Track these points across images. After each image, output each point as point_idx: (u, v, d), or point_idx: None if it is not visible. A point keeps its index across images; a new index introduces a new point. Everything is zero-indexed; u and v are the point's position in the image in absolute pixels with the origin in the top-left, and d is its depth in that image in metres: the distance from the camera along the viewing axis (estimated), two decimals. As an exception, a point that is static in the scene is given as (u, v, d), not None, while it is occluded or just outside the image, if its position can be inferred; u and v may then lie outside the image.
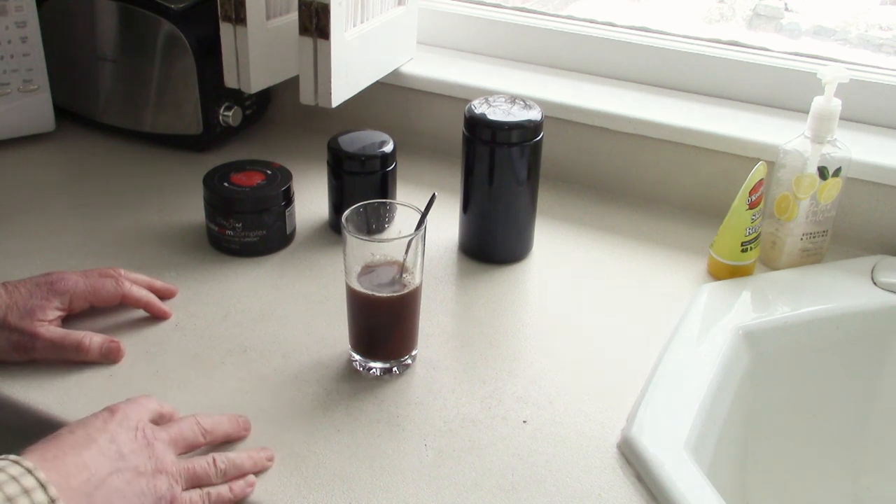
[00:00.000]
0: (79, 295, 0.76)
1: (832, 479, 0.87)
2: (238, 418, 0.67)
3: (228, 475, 0.63)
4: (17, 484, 0.51)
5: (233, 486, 0.62)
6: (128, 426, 0.59)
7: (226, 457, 0.63)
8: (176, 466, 0.60)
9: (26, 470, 0.52)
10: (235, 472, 0.63)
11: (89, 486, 0.55)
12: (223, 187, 0.88)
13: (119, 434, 0.59)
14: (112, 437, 0.58)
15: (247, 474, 0.64)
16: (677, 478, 0.62)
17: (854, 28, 1.20)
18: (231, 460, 0.63)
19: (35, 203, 0.99)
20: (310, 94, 0.93)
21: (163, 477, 0.59)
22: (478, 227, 0.90)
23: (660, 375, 0.73)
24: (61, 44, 1.10)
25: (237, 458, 0.64)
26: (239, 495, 0.62)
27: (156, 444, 0.60)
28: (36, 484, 0.52)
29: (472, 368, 0.76)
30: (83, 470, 0.55)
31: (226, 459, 0.63)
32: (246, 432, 0.68)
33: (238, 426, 0.67)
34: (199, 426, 0.64)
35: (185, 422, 0.64)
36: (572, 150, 1.05)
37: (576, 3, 1.25)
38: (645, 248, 0.94)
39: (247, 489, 0.63)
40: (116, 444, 0.58)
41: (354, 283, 0.71)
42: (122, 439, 0.58)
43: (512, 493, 0.64)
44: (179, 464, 0.61)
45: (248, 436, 0.68)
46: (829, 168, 0.85)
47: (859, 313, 0.84)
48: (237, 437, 0.67)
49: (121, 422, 0.60)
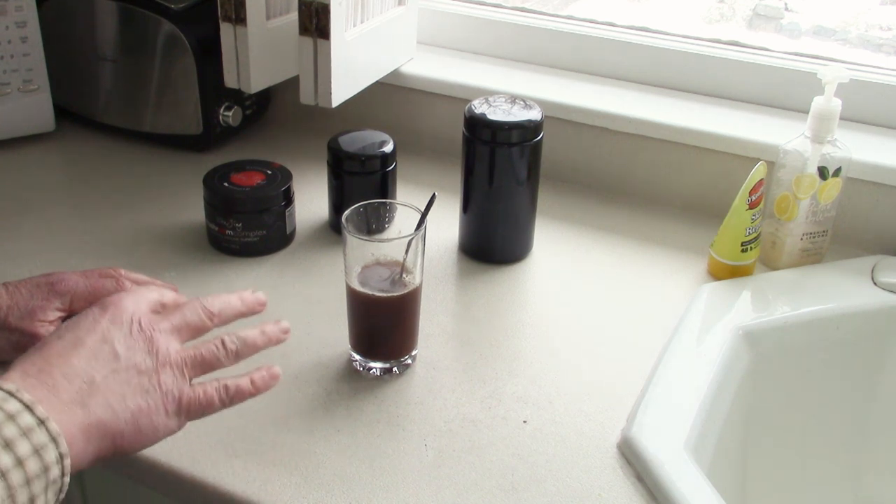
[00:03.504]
0: (79, 295, 0.76)
1: (832, 479, 0.87)
2: (249, 294, 0.62)
3: (241, 355, 0.58)
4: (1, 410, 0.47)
5: (253, 377, 0.58)
6: (122, 321, 0.54)
7: (235, 335, 0.58)
8: (181, 355, 0.55)
9: (7, 393, 0.48)
10: (248, 350, 0.58)
11: (82, 394, 0.51)
12: (223, 187, 0.88)
13: (112, 331, 0.54)
14: (104, 335, 0.53)
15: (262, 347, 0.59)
16: (677, 478, 0.62)
17: (854, 28, 1.20)
18: (242, 338, 0.58)
19: (35, 203, 0.99)
20: (310, 94, 0.93)
21: (167, 370, 0.54)
22: (478, 227, 0.90)
23: (660, 375, 0.73)
24: (61, 44, 1.10)
25: (248, 335, 0.58)
26: (262, 387, 0.58)
27: (155, 335, 0.55)
28: (21, 407, 0.48)
29: (472, 368, 0.76)
30: (74, 378, 0.51)
31: (236, 338, 0.58)
32: (261, 307, 0.62)
33: (250, 303, 0.61)
34: (204, 309, 0.58)
35: (189, 306, 0.58)
36: (572, 150, 1.05)
37: (576, 3, 1.25)
38: (645, 248, 0.94)
39: (270, 381, 0.58)
40: (110, 343, 0.53)
41: (354, 283, 0.71)
42: (116, 336, 0.53)
43: (512, 493, 0.64)
44: (184, 352, 0.56)
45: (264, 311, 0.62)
46: (829, 168, 0.85)
47: (859, 313, 0.84)
48: (250, 314, 0.61)
49: (114, 317, 0.54)
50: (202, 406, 0.57)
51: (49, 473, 0.48)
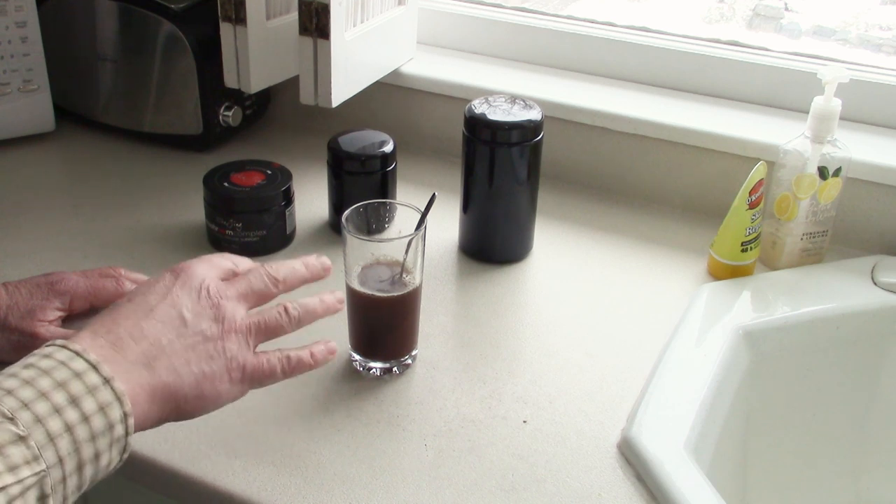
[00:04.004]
0: (79, 295, 0.76)
1: (832, 479, 0.87)
2: (314, 261, 0.64)
3: (303, 322, 0.60)
4: (67, 368, 0.48)
5: (313, 350, 0.60)
6: (191, 287, 0.56)
7: (297, 303, 0.60)
8: (246, 323, 0.57)
9: (75, 353, 0.49)
10: (309, 318, 0.60)
11: (148, 356, 0.52)
12: (223, 187, 0.88)
13: (181, 297, 0.55)
14: (173, 301, 0.55)
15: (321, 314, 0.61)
16: (677, 478, 0.62)
17: (854, 28, 1.20)
18: (303, 305, 0.60)
19: (35, 203, 0.99)
20: (310, 94, 0.93)
21: (232, 336, 0.56)
22: (478, 227, 0.90)
23: (660, 375, 0.73)
24: (61, 44, 1.10)
25: (309, 302, 0.61)
26: (320, 361, 0.60)
27: (222, 302, 0.56)
28: (87, 366, 0.49)
29: (472, 368, 0.76)
30: (141, 340, 0.52)
31: (298, 306, 0.60)
32: (326, 272, 0.64)
33: (315, 270, 0.63)
34: (269, 276, 0.60)
35: (254, 273, 0.60)
36: (572, 150, 1.05)
37: (576, 3, 1.25)
38: (645, 248, 0.94)
39: (328, 356, 0.60)
40: (177, 309, 0.54)
41: (354, 283, 0.71)
42: (185, 302, 0.55)
43: (512, 493, 0.64)
44: (249, 319, 0.58)
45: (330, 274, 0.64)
46: (829, 168, 0.85)
47: (859, 313, 0.84)
48: (315, 280, 0.63)
49: (184, 283, 0.56)
50: (265, 374, 0.58)
51: (113, 431, 0.49)
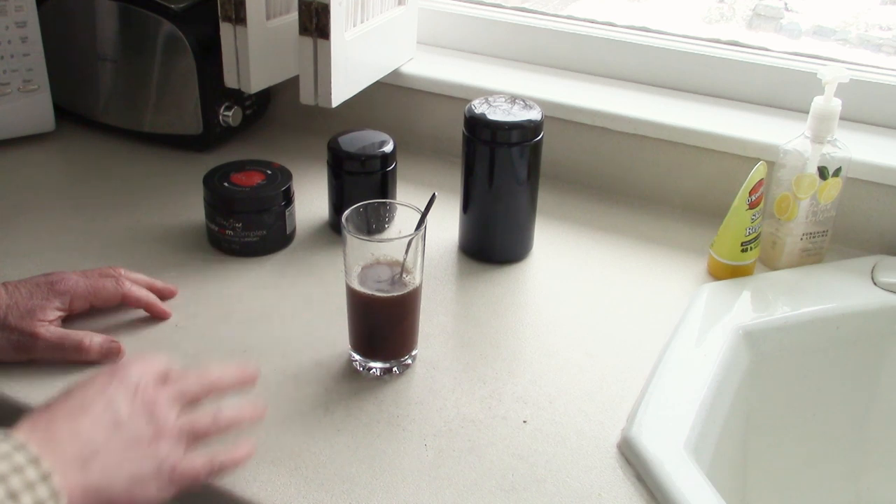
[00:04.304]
0: (79, 295, 0.76)
1: (832, 479, 0.87)
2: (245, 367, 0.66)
3: (229, 426, 0.62)
4: (9, 461, 0.49)
5: (235, 453, 0.61)
6: (127, 388, 0.57)
7: (226, 413, 0.62)
8: (177, 425, 0.58)
9: (17, 446, 0.50)
10: (236, 423, 0.62)
11: (83, 455, 0.53)
12: (223, 187, 0.88)
13: (117, 397, 0.56)
14: (109, 401, 0.56)
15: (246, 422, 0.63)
16: (677, 478, 0.62)
17: (854, 28, 1.20)
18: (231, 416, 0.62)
19: (35, 203, 0.99)
20: (310, 94, 0.93)
21: (164, 441, 0.57)
22: (478, 227, 0.90)
23: (660, 375, 0.73)
24: (61, 44, 1.10)
25: (235, 408, 0.62)
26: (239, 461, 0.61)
27: (156, 405, 0.58)
28: (27, 460, 0.50)
29: (472, 368, 0.76)
30: (76, 439, 0.53)
31: (226, 415, 0.61)
32: (252, 381, 0.66)
33: (243, 375, 0.65)
34: (199, 381, 0.62)
35: (186, 378, 0.62)
36: (572, 150, 1.05)
37: (576, 3, 1.26)
38: (645, 248, 0.94)
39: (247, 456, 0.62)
40: (113, 410, 0.55)
41: (354, 283, 0.71)
42: (121, 403, 0.56)
43: (512, 493, 0.64)
44: (180, 422, 0.59)
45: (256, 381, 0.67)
46: (829, 168, 0.85)
47: (859, 313, 0.84)
48: (244, 386, 0.65)
49: (120, 384, 0.57)
50: (190, 477, 0.59)
51: None
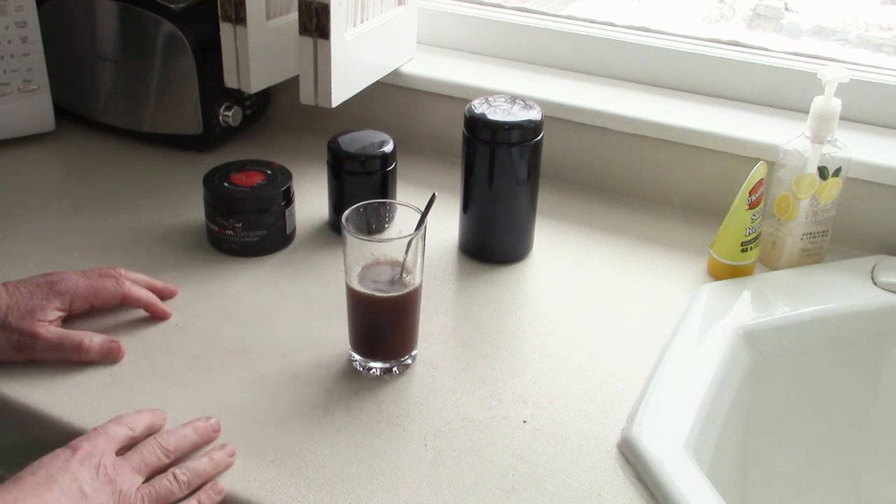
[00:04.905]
0: (79, 295, 0.76)
1: (832, 479, 0.87)
2: (203, 423, 0.67)
3: (192, 484, 0.62)
4: None
5: (200, 497, 0.62)
6: (90, 463, 0.59)
7: (186, 468, 0.63)
8: (140, 493, 0.60)
9: None
10: (199, 480, 0.63)
11: None
12: (223, 187, 0.88)
13: (80, 472, 0.58)
14: (74, 476, 0.58)
15: (212, 478, 0.63)
16: (677, 478, 0.62)
17: (854, 28, 1.20)
18: (192, 469, 0.63)
19: (35, 203, 0.99)
20: (310, 94, 0.93)
21: None
22: (478, 227, 0.90)
23: (660, 375, 0.73)
24: (61, 44, 1.10)
25: (198, 465, 0.63)
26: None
27: (118, 479, 0.60)
28: None
29: (472, 368, 0.76)
30: None
31: (187, 470, 0.62)
32: (215, 434, 0.67)
33: (204, 433, 0.66)
34: (160, 448, 0.63)
35: (147, 447, 0.63)
36: (572, 150, 1.05)
37: (576, 3, 1.26)
38: (645, 248, 0.94)
39: (215, 497, 0.62)
40: (78, 483, 0.58)
41: (354, 283, 0.71)
42: (84, 477, 0.58)
43: (512, 493, 0.64)
44: (143, 490, 0.60)
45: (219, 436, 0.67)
46: (829, 168, 0.85)
47: (859, 313, 0.84)
48: (206, 444, 0.66)
49: (83, 459, 0.59)
50: None
51: None
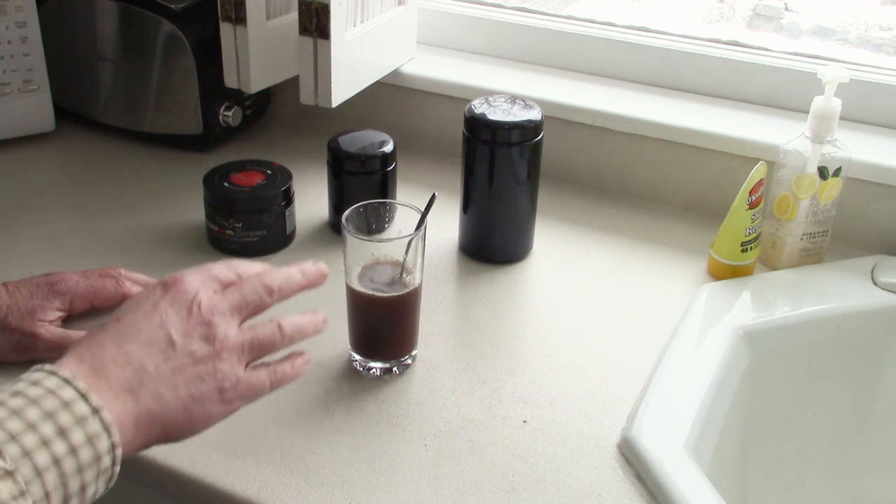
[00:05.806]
0: (79, 295, 0.76)
1: (832, 479, 0.87)
2: (312, 266, 0.61)
3: (294, 339, 0.59)
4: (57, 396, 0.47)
5: (294, 362, 0.60)
6: (181, 303, 0.54)
7: (291, 320, 0.59)
8: (239, 339, 0.55)
9: (63, 380, 0.48)
10: (300, 336, 0.59)
11: (133, 382, 0.51)
12: (223, 187, 0.89)
13: (169, 316, 0.53)
14: (161, 321, 0.53)
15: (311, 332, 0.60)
16: (677, 478, 0.62)
17: (854, 28, 1.20)
18: (295, 324, 0.59)
19: (35, 203, 0.99)
20: (310, 94, 0.93)
21: (224, 356, 0.54)
22: (478, 227, 0.90)
23: (660, 375, 0.73)
24: (61, 44, 1.10)
25: (302, 320, 0.59)
26: (300, 371, 0.60)
27: (214, 319, 0.54)
28: (76, 395, 0.48)
29: (472, 368, 0.76)
30: (125, 366, 0.51)
31: (291, 323, 0.59)
32: (322, 280, 0.61)
33: (312, 277, 0.61)
34: (264, 286, 0.58)
35: (248, 284, 0.58)
36: (572, 150, 1.05)
37: (576, 3, 1.26)
38: (645, 248, 0.94)
39: (305, 366, 0.60)
40: (165, 329, 0.52)
41: (354, 283, 0.71)
42: (174, 321, 0.53)
43: (512, 493, 0.64)
44: (243, 335, 0.56)
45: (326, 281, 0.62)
46: (829, 168, 0.85)
47: (859, 313, 0.84)
48: (311, 287, 0.61)
49: (174, 300, 0.54)
50: (255, 391, 0.57)
51: (101, 462, 0.48)
